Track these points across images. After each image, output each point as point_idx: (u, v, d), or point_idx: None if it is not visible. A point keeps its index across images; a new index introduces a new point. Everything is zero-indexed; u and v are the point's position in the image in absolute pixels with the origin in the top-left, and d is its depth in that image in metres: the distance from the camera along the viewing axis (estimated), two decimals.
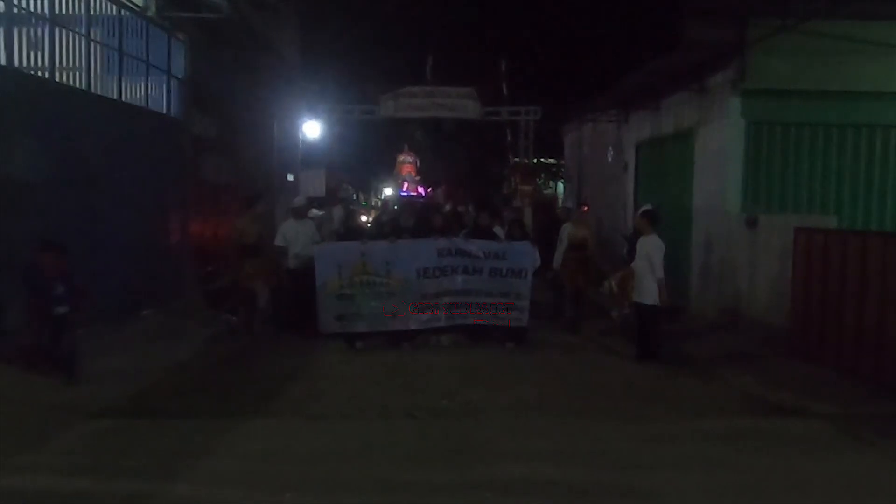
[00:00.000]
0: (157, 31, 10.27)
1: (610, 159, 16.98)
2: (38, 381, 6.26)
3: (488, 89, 20.90)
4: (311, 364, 7.79)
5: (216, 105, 12.72)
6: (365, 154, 30.53)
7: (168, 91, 10.62)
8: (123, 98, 9.33)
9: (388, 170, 32.44)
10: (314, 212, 14.33)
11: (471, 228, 10.05)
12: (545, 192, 23.80)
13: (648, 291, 8.10)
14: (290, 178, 21.18)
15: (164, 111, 10.58)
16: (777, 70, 10.07)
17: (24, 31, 7.49)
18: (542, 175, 23.78)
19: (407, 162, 28.39)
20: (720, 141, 10.81)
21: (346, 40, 22.12)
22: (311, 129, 24.13)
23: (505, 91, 21.51)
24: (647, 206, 9.22)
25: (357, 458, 4.91)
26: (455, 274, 8.74)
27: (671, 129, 12.91)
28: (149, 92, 10.05)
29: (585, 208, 12.25)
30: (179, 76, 11.02)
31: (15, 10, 7.23)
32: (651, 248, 8.17)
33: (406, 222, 10.38)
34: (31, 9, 7.53)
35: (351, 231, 10.03)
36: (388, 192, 29.84)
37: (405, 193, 25.44)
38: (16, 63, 7.32)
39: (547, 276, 10.83)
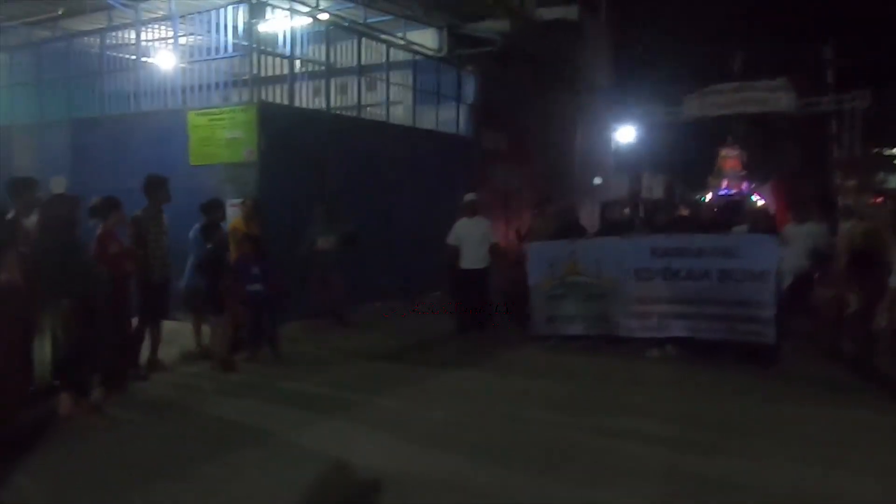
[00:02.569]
0: (449, 67, 12.66)
1: None
2: (332, 332, 8.93)
3: (808, 78, 19.53)
4: (525, 343, 8.55)
5: (505, 122, 14.80)
6: (694, 152, 29.95)
7: (457, 115, 12.95)
8: (416, 124, 11.84)
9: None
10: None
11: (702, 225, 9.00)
12: (882, 187, 20.97)
13: None
14: (598, 181, 22.48)
15: (455, 132, 12.93)
16: None
17: (338, 81, 10.35)
18: (875, 168, 20.93)
19: (730, 156, 25.87)
20: None
21: (656, 44, 22.58)
22: (625, 134, 25.15)
23: (830, 78, 19.79)
24: None
25: (512, 401, 6.22)
26: (676, 279, 7.55)
27: None
28: (438, 117, 12.47)
29: (879, 199, 10.45)
30: (469, 102, 13.32)
31: (333, 63, 10.13)
32: None
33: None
34: (342, 64, 10.38)
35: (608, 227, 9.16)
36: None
37: (725, 192, 24.21)
38: (332, 105, 10.18)
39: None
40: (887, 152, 20.74)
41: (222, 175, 9.04)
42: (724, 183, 25.03)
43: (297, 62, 9.57)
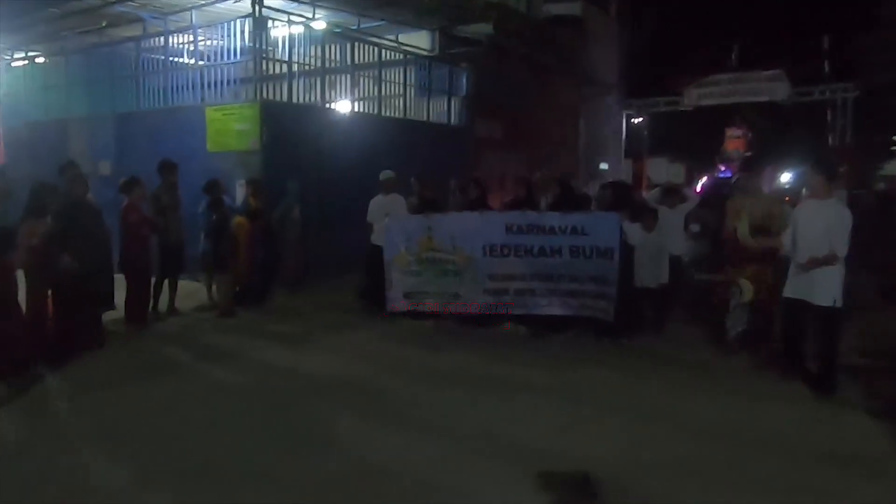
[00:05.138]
0: (441, 64, 14.27)
1: None
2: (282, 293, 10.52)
3: (804, 68, 20.37)
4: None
5: (501, 112, 16.29)
6: (705, 136, 30.45)
7: (449, 107, 14.55)
8: (410, 117, 13.50)
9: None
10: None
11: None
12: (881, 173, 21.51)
13: (827, 286, 5.44)
14: (604, 166, 23.74)
15: (446, 122, 14.53)
16: None
17: (331, 78, 12.07)
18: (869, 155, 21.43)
19: (735, 136, 25.10)
20: None
21: (661, 37, 23.59)
22: (635, 121, 26.30)
23: (826, 68, 20.58)
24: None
25: (386, 346, 7.66)
26: (529, 255, 7.51)
27: None
28: (431, 109, 14.09)
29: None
30: (462, 95, 14.89)
31: (328, 64, 11.85)
32: (835, 219, 5.45)
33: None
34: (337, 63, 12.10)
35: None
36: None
37: (724, 174, 23.91)
38: (327, 102, 11.92)
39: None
40: None
41: (234, 160, 10.88)
42: (722, 166, 24.34)
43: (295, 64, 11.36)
